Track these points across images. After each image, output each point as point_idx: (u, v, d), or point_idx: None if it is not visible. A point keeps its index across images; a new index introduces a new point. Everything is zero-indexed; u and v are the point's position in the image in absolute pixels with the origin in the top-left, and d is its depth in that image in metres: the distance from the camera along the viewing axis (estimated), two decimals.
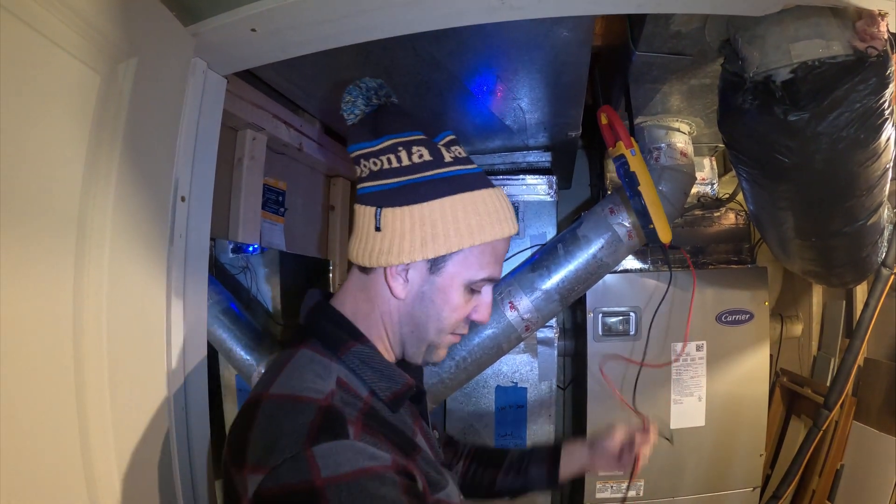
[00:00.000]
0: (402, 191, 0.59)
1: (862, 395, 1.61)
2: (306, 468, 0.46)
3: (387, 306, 0.62)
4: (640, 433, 0.81)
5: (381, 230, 0.59)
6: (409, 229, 0.58)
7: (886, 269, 1.33)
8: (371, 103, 0.63)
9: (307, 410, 0.50)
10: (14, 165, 0.50)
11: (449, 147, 0.63)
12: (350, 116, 0.63)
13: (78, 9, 0.55)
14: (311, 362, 0.56)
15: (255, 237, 1.35)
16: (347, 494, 0.46)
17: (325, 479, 0.46)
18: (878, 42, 0.75)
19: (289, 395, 0.52)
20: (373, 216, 0.59)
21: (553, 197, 1.59)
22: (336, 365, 0.57)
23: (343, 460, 0.48)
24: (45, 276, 0.54)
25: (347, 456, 0.48)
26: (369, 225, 0.60)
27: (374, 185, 0.60)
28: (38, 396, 0.53)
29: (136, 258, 0.66)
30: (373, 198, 0.60)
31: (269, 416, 0.51)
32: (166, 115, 0.73)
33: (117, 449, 0.61)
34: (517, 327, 1.38)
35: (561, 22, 0.90)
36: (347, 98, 0.62)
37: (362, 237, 0.60)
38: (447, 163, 0.61)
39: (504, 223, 0.62)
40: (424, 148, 0.61)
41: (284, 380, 0.54)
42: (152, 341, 0.70)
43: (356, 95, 0.63)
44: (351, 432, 0.50)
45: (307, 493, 0.46)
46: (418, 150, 0.61)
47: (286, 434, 0.49)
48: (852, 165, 0.89)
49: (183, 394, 0.74)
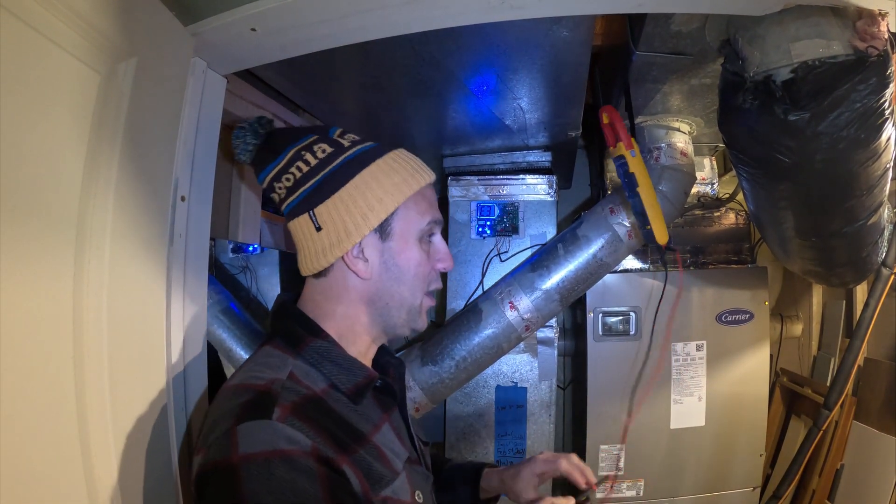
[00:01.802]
0: (323, 186, 0.62)
1: (862, 395, 1.61)
2: (228, 445, 0.49)
3: (355, 294, 0.64)
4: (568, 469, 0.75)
5: (321, 228, 0.62)
6: (346, 212, 0.62)
7: (886, 269, 1.33)
8: (259, 134, 0.66)
9: (245, 394, 0.53)
10: (14, 165, 0.50)
11: (343, 135, 0.67)
12: (246, 155, 0.66)
13: (78, 9, 0.55)
14: (268, 356, 0.60)
15: (255, 237, 1.35)
16: (257, 474, 0.47)
17: (241, 456, 0.48)
18: (879, 42, 0.75)
19: (237, 385, 0.55)
20: (309, 221, 0.62)
21: (553, 197, 1.59)
22: (293, 360, 0.59)
23: (259, 439, 0.49)
24: (44, 275, 0.54)
25: (264, 436, 0.49)
26: (309, 231, 0.63)
27: (296, 196, 0.63)
28: (37, 396, 0.53)
29: (135, 258, 0.66)
30: (300, 207, 0.63)
31: (218, 402, 0.55)
32: (166, 115, 0.73)
33: (117, 449, 0.61)
34: (517, 327, 1.38)
35: (561, 21, 0.90)
36: (237, 142, 0.66)
37: (307, 245, 0.63)
38: (347, 147, 0.65)
39: (421, 172, 0.67)
40: (324, 143, 0.65)
41: (241, 372, 0.58)
42: (152, 341, 0.70)
43: (243, 135, 0.66)
44: (276, 413, 0.51)
45: (224, 469, 0.48)
46: (320, 147, 0.64)
47: (222, 415, 0.52)
48: (852, 165, 0.89)
49: (183, 394, 0.74)
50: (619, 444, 1.60)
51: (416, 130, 1.51)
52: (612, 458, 1.61)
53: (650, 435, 1.59)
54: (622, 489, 1.62)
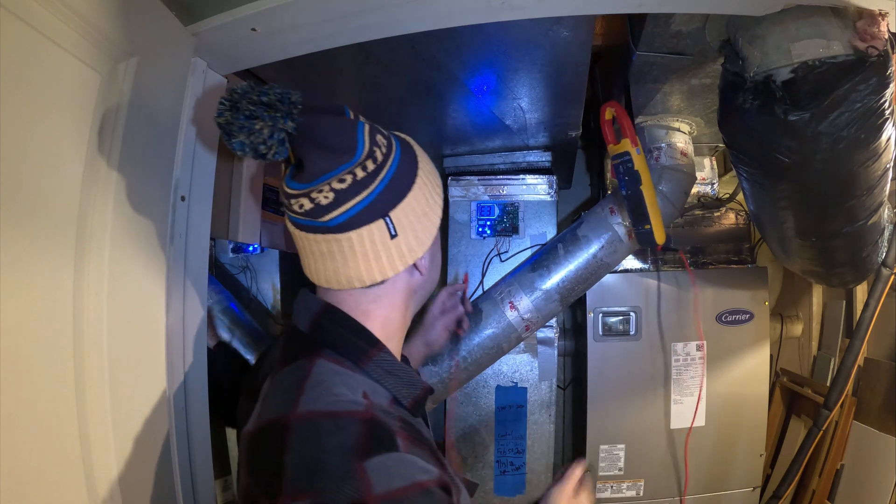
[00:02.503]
0: (391, 186, 0.54)
1: (862, 395, 1.61)
2: (358, 485, 0.43)
3: (400, 296, 0.59)
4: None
5: (397, 234, 0.54)
6: (422, 214, 0.56)
7: (886, 269, 1.33)
8: (292, 117, 0.50)
9: (350, 425, 0.47)
10: (14, 165, 0.50)
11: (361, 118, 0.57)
12: (279, 149, 0.50)
13: (78, 9, 0.55)
14: (334, 374, 0.52)
15: (255, 237, 1.35)
16: (400, 486, 0.44)
17: (378, 495, 0.43)
18: (879, 42, 0.75)
19: (323, 412, 0.47)
20: (383, 227, 0.53)
21: (553, 197, 1.59)
22: (359, 376, 0.53)
23: (396, 474, 0.45)
24: (45, 275, 0.54)
25: (401, 470, 0.45)
26: (381, 238, 0.54)
27: (359, 200, 0.52)
28: (38, 396, 0.53)
29: (135, 258, 0.66)
30: (368, 213, 0.53)
31: (306, 437, 0.46)
32: (166, 115, 0.73)
33: (117, 449, 0.61)
34: (517, 327, 1.38)
35: (561, 22, 0.90)
36: (259, 127, 0.49)
37: (374, 254, 0.54)
38: (387, 134, 0.57)
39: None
40: (378, 133, 0.55)
41: (311, 396, 0.49)
42: (152, 341, 0.70)
43: (267, 117, 0.49)
44: (400, 444, 0.47)
45: None
46: (377, 136, 0.54)
47: (331, 452, 0.45)
48: (852, 165, 0.89)
49: (183, 393, 0.74)
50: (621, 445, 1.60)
51: (416, 130, 1.50)
52: (612, 458, 1.61)
53: (650, 435, 1.59)
54: (622, 489, 1.62)
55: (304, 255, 0.57)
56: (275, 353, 0.62)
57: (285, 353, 0.57)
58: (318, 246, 0.54)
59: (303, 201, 0.52)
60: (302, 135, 0.51)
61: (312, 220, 0.53)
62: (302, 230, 0.54)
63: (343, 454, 0.44)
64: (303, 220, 0.53)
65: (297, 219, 0.54)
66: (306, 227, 0.54)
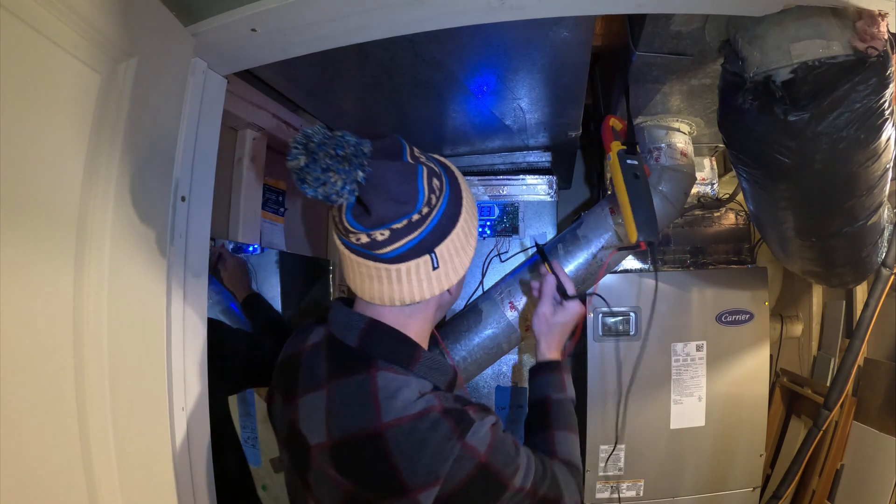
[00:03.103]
0: (440, 225, 0.62)
1: (862, 395, 1.61)
2: (471, 455, 0.58)
3: (433, 308, 0.69)
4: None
5: (439, 266, 0.63)
6: (460, 247, 0.65)
7: (886, 269, 1.33)
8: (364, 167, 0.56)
9: (437, 420, 0.58)
10: (14, 165, 0.50)
11: (416, 153, 0.64)
12: (349, 197, 0.56)
13: (78, 9, 0.55)
14: (394, 381, 0.62)
15: (255, 237, 1.35)
16: (501, 450, 0.60)
17: (485, 453, 0.59)
18: (879, 42, 0.75)
19: (408, 417, 0.58)
20: (428, 261, 0.62)
21: (553, 197, 1.59)
22: (410, 377, 0.63)
23: (485, 433, 0.59)
24: (45, 275, 0.54)
25: (485, 430, 0.60)
26: (425, 269, 0.62)
27: (412, 238, 0.60)
28: (38, 396, 0.53)
29: (136, 258, 0.66)
30: (417, 250, 0.61)
31: (405, 440, 0.57)
32: (166, 116, 0.73)
33: (117, 449, 0.61)
34: (517, 327, 1.38)
35: (561, 22, 0.90)
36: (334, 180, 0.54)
37: (416, 281, 0.62)
38: (438, 173, 0.64)
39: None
40: (434, 178, 0.62)
41: (388, 407, 0.59)
42: (152, 341, 0.70)
43: (342, 171, 0.54)
44: (472, 415, 0.60)
45: (481, 472, 0.58)
46: (433, 181, 0.62)
47: (437, 444, 0.57)
48: (852, 165, 0.89)
49: (183, 394, 0.74)
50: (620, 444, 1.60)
51: (416, 130, 1.51)
52: (612, 458, 1.61)
53: (650, 435, 1.59)
54: (622, 489, 1.62)
55: (353, 274, 0.65)
56: (312, 361, 0.69)
57: (337, 366, 0.65)
58: (367, 270, 0.62)
59: (361, 236, 0.59)
60: (370, 183, 0.57)
61: (368, 250, 0.60)
62: (355, 255, 0.62)
63: (447, 441, 0.57)
64: (359, 248, 0.61)
65: (352, 245, 0.61)
66: (360, 254, 0.62)
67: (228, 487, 0.95)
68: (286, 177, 1.53)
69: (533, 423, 0.85)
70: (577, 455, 0.80)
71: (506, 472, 0.60)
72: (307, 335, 0.73)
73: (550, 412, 0.83)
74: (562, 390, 0.87)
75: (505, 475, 0.60)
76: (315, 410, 0.64)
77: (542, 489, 0.64)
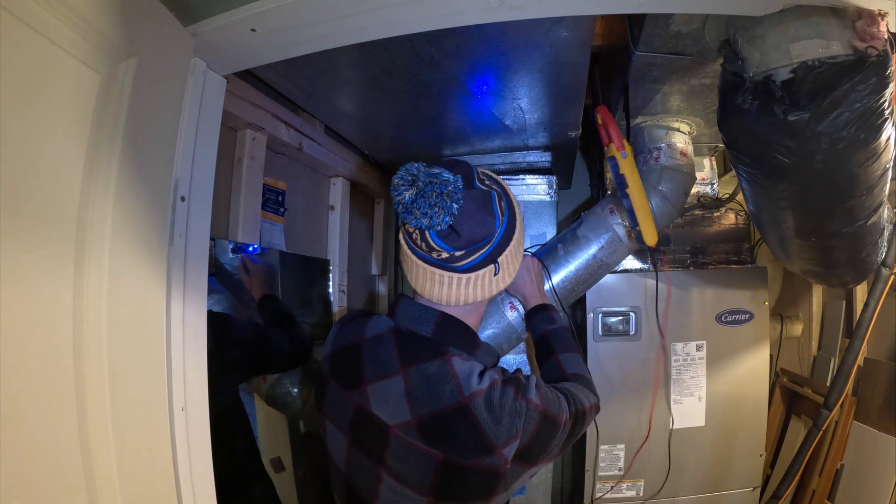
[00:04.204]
0: (504, 239, 0.72)
1: (862, 395, 1.61)
2: (535, 408, 0.71)
3: (488, 305, 0.83)
4: None
5: (499, 272, 0.74)
6: (516, 254, 0.76)
7: (886, 269, 1.33)
8: (458, 200, 0.67)
9: (503, 389, 0.70)
10: (14, 165, 0.50)
11: (483, 179, 0.74)
12: (445, 225, 0.67)
13: (78, 9, 0.55)
14: (465, 364, 0.72)
15: (255, 237, 1.35)
16: (550, 398, 0.74)
17: (541, 403, 0.72)
18: (878, 42, 0.75)
19: (482, 390, 0.70)
20: (491, 270, 0.73)
21: (553, 197, 1.59)
22: (474, 361, 0.74)
23: (535, 389, 0.72)
24: (44, 275, 0.54)
25: (534, 387, 0.73)
26: (488, 276, 0.73)
27: (483, 252, 0.71)
28: (38, 397, 0.53)
29: (135, 258, 0.66)
30: (487, 261, 0.72)
31: (485, 408, 0.69)
32: (166, 115, 0.73)
33: (117, 449, 0.61)
34: (517, 327, 1.38)
35: (561, 22, 0.90)
36: (437, 212, 0.65)
37: (480, 285, 0.74)
38: (500, 193, 0.74)
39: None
40: (502, 201, 0.74)
41: (468, 384, 0.70)
42: (152, 341, 0.70)
43: (443, 205, 0.65)
44: (521, 378, 0.74)
45: (544, 418, 0.71)
46: (502, 203, 0.73)
47: (510, 406, 0.69)
48: (852, 165, 0.89)
49: (183, 393, 0.74)
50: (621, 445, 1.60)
51: (416, 130, 1.51)
52: (612, 458, 1.61)
53: (650, 435, 1.59)
54: (622, 489, 1.62)
55: (422, 280, 0.74)
56: (378, 350, 0.77)
57: (411, 354, 0.74)
58: (440, 277, 0.72)
59: (443, 253, 0.69)
60: (461, 212, 0.67)
61: (447, 263, 0.71)
62: (429, 265, 0.72)
63: (515, 401, 0.70)
64: (438, 261, 0.71)
65: (430, 259, 0.71)
66: (435, 265, 0.72)
67: (237, 467, 1.03)
68: (286, 177, 1.53)
69: (541, 356, 1.00)
70: (583, 365, 0.96)
71: (558, 413, 0.73)
72: (363, 327, 0.80)
73: (551, 341, 0.99)
74: (554, 322, 1.03)
75: (558, 415, 0.73)
76: (391, 394, 0.73)
77: (572, 410, 0.77)
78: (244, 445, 1.17)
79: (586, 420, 0.82)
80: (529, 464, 0.72)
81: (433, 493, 0.71)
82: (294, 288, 1.56)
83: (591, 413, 0.85)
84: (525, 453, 0.70)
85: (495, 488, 0.71)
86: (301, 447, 1.49)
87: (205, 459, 0.78)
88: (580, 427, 0.81)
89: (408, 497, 0.73)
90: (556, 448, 0.76)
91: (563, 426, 0.75)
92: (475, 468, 0.69)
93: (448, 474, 0.70)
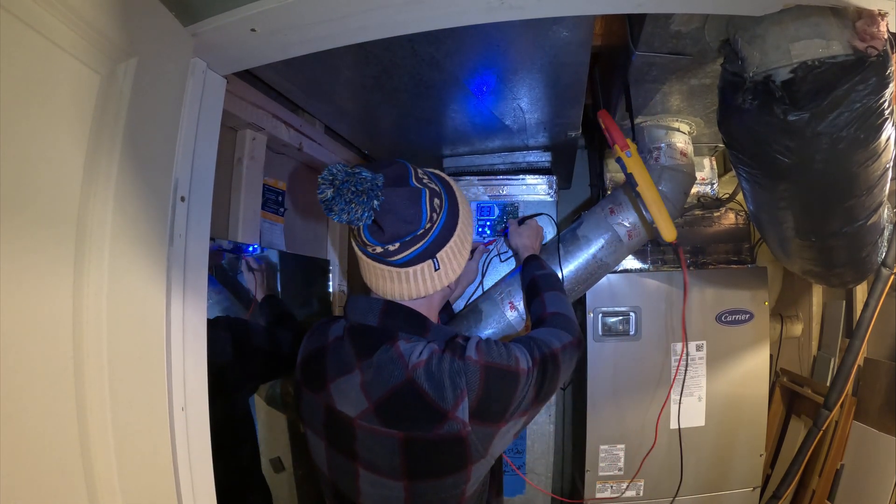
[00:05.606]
0: (440, 236, 0.74)
1: (862, 395, 1.61)
2: (473, 364, 0.70)
3: (439, 301, 0.84)
4: None
5: (440, 268, 0.76)
6: (458, 251, 0.78)
7: (886, 269, 1.33)
8: (378, 196, 0.69)
9: (440, 355, 0.71)
10: (14, 165, 0.50)
11: (421, 176, 0.75)
12: (367, 220, 0.69)
13: (78, 9, 0.55)
14: (414, 344, 0.74)
15: (255, 237, 1.36)
16: (493, 350, 0.73)
17: (480, 357, 0.71)
18: (878, 42, 0.75)
19: (423, 361, 0.71)
20: (430, 265, 0.75)
21: (553, 197, 1.59)
22: (424, 342, 0.75)
23: (474, 346, 0.73)
24: (44, 276, 0.54)
25: (473, 344, 0.73)
26: (428, 271, 0.76)
27: (418, 247, 0.73)
28: (38, 396, 0.53)
29: (135, 258, 0.66)
30: (423, 256, 0.74)
31: (428, 376, 0.69)
32: (166, 116, 0.73)
33: (117, 449, 0.61)
34: (517, 327, 1.38)
35: (561, 22, 0.90)
36: (355, 208, 0.68)
37: (422, 280, 0.76)
38: (439, 191, 0.76)
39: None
40: (436, 198, 0.74)
41: (411, 360, 0.71)
42: (152, 341, 0.70)
43: (360, 202, 0.68)
44: (460, 340, 0.75)
45: (487, 370, 0.70)
46: (434, 201, 0.74)
47: (450, 368, 0.70)
48: (852, 165, 0.89)
49: (182, 393, 0.74)
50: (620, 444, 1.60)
51: (416, 130, 1.51)
52: (612, 458, 1.61)
53: (650, 435, 1.59)
54: (622, 489, 1.62)
55: (370, 275, 0.78)
56: (338, 351, 0.79)
57: (363, 347, 0.76)
58: (381, 272, 0.76)
59: (376, 248, 0.73)
60: (383, 209, 0.69)
61: (382, 258, 0.74)
62: (371, 260, 0.76)
63: (453, 362, 0.70)
64: (375, 255, 0.74)
65: (369, 254, 0.75)
66: (376, 260, 0.75)
67: (240, 475, 1.04)
68: (286, 177, 1.53)
69: (529, 297, 1.05)
70: (566, 304, 1.00)
71: (509, 363, 0.72)
72: (327, 331, 0.83)
73: (538, 283, 1.05)
74: (543, 268, 1.11)
75: (509, 365, 0.72)
76: (350, 388, 0.75)
77: (536, 356, 0.76)
78: (249, 454, 1.18)
79: (560, 360, 0.80)
80: (494, 421, 0.70)
81: (406, 475, 0.72)
82: (294, 288, 1.56)
83: (568, 352, 0.83)
84: (481, 410, 0.69)
85: (466, 456, 0.70)
86: (301, 447, 1.49)
87: (205, 459, 0.78)
88: (555, 369, 0.78)
89: (385, 486, 0.74)
90: (530, 397, 0.73)
91: (527, 374, 0.73)
92: (436, 439, 0.69)
93: (413, 452, 0.70)
